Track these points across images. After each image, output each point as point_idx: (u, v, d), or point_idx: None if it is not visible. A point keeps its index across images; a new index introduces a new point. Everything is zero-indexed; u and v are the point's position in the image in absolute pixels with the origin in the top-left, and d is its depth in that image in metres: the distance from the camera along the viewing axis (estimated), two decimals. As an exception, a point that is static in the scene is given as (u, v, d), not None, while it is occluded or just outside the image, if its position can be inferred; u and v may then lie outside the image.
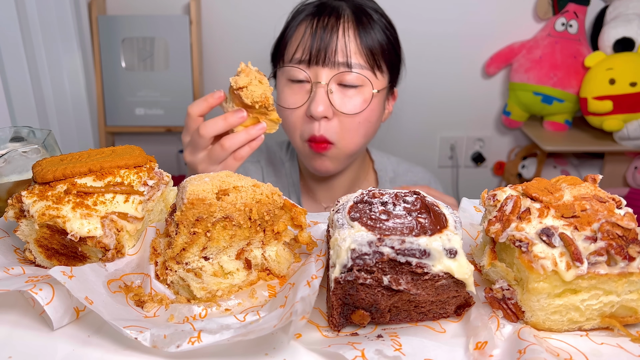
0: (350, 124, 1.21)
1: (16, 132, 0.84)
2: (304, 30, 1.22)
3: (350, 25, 1.20)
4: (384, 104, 1.30)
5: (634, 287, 0.59)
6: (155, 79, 2.15)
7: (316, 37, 1.20)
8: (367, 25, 1.22)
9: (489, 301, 0.63)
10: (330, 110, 1.19)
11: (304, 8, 1.28)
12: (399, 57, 1.32)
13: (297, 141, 1.28)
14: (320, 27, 1.20)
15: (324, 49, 1.19)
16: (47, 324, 0.59)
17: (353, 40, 1.20)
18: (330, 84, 1.19)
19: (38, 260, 0.69)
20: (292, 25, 1.27)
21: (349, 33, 1.20)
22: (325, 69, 1.19)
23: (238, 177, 0.66)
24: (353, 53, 1.19)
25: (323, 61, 1.19)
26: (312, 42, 1.20)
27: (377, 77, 1.23)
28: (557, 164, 2.43)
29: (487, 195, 0.68)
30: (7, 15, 1.55)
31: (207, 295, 0.65)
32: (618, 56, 2.02)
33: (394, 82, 1.33)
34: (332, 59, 1.18)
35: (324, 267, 0.64)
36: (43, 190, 0.66)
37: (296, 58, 1.22)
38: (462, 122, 2.39)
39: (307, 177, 1.45)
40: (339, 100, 1.20)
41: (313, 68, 1.20)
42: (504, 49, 2.22)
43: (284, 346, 0.57)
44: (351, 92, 1.21)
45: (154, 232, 0.71)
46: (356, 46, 1.20)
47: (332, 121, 1.21)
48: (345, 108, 1.20)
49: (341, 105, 1.20)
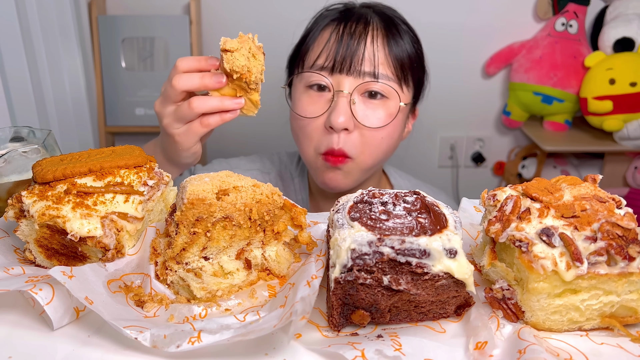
0: (372, 138, 1.13)
1: (16, 132, 0.84)
2: (328, 36, 1.15)
3: (379, 34, 1.14)
4: (405, 121, 1.23)
5: (634, 287, 0.59)
6: (155, 79, 2.15)
7: (342, 43, 1.12)
8: (396, 35, 1.15)
9: (489, 301, 0.63)
10: (352, 122, 1.11)
11: (327, 13, 1.21)
12: (425, 73, 1.26)
13: (310, 154, 1.19)
14: (347, 33, 1.13)
15: (349, 56, 1.11)
16: (47, 324, 0.59)
17: (382, 49, 1.13)
18: (353, 94, 1.11)
19: (38, 260, 0.69)
20: (314, 30, 1.19)
21: (378, 41, 1.13)
22: (350, 77, 1.11)
23: (238, 177, 0.66)
24: (381, 63, 1.12)
25: (348, 69, 1.11)
26: (338, 49, 1.12)
27: (404, 90, 1.16)
28: (557, 164, 2.43)
29: (487, 195, 0.68)
30: (7, 15, 1.56)
31: (207, 295, 0.65)
32: (618, 56, 2.02)
33: (416, 98, 1.25)
34: (358, 67, 1.11)
35: (324, 267, 0.64)
36: (43, 190, 0.66)
37: (318, 64, 1.14)
38: (462, 122, 2.39)
39: (316, 195, 1.37)
40: (362, 112, 1.12)
41: (336, 76, 1.13)
42: (504, 49, 2.22)
43: (284, 346, 0.57)
44: (376, 104, 1.13)
45: (154, 232, 0.71)
46: (384, 56, 1.13)
47: (353, 134, 1.13)
48: (368, 121, 1.12)
49: (364, 117, 1.12)
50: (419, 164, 2.43)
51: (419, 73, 1.22)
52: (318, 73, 1.14)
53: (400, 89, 1.15)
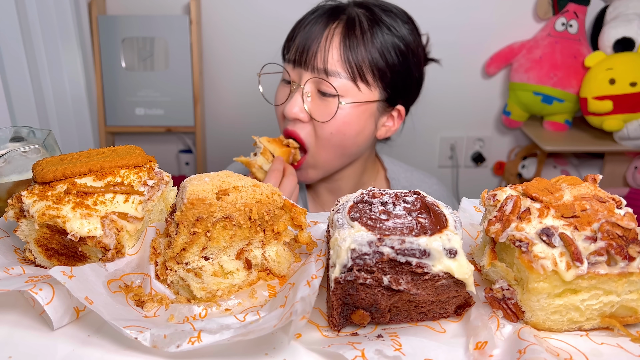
0: (322, 132, 1.19)
1: (16, 132, 0.84)
2: (299, 30, 1.22)
3: (338, 31, 1.16)
4: (373, 119, 1.24)
5: (634, 287, 0.59)
6: (155, 79, 2.15)
7: (303, 37, 1.19)
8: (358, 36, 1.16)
9: (489, 301, 0.63)
10: (305, 114, 1.19)
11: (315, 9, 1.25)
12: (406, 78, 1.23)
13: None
14: (310, 26, 1.19)
15: (306, 50, 1.17)
16: (47, 324, 0.59)
17: (337, 46, 1.15)
18: (307, 87, 1.18)
19: (38, 260, 0.69)
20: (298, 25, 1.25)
21: (334, 39, 1.16)
22: (307, 72, 1.18)
23: (238, 177, 0.66)
24: (334, 60, 1.15)
25: (304, 63, 1.18)
26: (299, 42, 1.19)
27: (361, 89, 1.18)
28: (557, 164, 2.43)
29: (487, 195, 0.68)
30: (7, 15, 1.56)
31: (207, 295, 0.65)
32: (618, 56, 2.02)
33: (395, 100, 1.25)
34: (312, 62, 1.16)
35: (324, 267, 0.64)
36: (43, 190, 0.66)
37: (288, 58, 1.23)
38: (462, 122, 2.39)
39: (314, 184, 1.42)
40: (315, 106, 1.19)
41: (297, 69, 1.20)
42: (504, 49, 2.22)
43: (284, 346, 0.57)
44: (326, 99, 1.17)
45: (154, 232, 0.71)
46: (338, 54, 1.15)
47: (307, 125, 1.21)
48: (317, 114, 1.18)
49: (314, 110, 1.19)
50: (419, 164, 2.43)
51: (393, 77, 1.20)
52: (285, 66, 1.23)
53: (356, 87, 1.17)
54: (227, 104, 2.33)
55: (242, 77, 2.26)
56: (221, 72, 2.28)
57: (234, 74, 2.28)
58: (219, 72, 2.28)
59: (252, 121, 2.31)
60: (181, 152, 2.42)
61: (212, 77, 2.28)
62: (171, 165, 2.46)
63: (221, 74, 2.28)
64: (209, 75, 2.28)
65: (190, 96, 2.17)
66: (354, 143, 1.24)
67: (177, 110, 2.19)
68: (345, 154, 1.25)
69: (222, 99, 2.33)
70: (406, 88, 1.25)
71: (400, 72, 1.21)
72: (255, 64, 2.33)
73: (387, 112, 1.27)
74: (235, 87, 2.29)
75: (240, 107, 2.33)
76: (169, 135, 2.38)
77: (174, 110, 2.19)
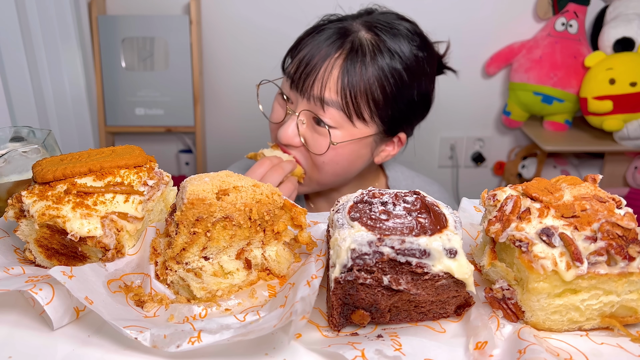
0: (316, 160, 1.16)
1: (16, 132, 0.84)
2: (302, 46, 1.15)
3: (338, 63, 1.09)
4: (369, 149, 1.19)
5: (634, 287, 0.59)
6: (155, 79, 2.15)
7: (304, 60, 1.12)
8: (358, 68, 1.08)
9: (489, 301, 0.63)
10: (298, 140, 1.15)
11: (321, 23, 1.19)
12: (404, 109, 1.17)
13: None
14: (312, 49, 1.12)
15: (305, 76, 1.11)
16: (47, 324, 0.59)
17: (335, 79, 1.09)
18: (301, 116, 1.14)
19: (38, 260, 0.69)
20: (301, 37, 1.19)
21: (334, 71, 1.09)
22: (303, 99, 1.13)
23: (238, 177, 0.66)
24: (332, 92, 1.09)
25: (301, 89, 1.12)
26: (299, 64, 1.13)
27: (356, 124, 1.12)
28: (557, 164, 2.43)
29: (487, 195, 0.68)
30: (7, 15, 1.56)
31: (207, 295, 0.65)
32: (618, 56, 2.02)
33: (394, 130, 1.20)
34: (309, 91, 1.11)
35: (324, 267, 0.64)
36: (43, 190, 0.66)
37: (288, 72, 1.17)
38: (462, 122, 2.39)
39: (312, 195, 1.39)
40: (309, 133, 1.15)
41: (294, 92, 1.15)
42: (504, 49, 2.22)
43: (284, 346, 0.57)
44: (322, 131, 1.12)
45: (154, 232, 0.71)
46: (336, 87, 1.09)
47: (302, 149, 1.17)
48: (310, 144, 1.15)
49: (308, 139, 1.15)
50: (419, 164, 2.44)
51: (390, 109, 1.14)
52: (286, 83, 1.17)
53: (350, 122, 1.11)
54: (227, 104, 2.34)
55: (242, 77, 2.27)
56: (221, 72, 2.28)
57: (234, 74, 2.28)
58: (219, 72, 2.28)
59: (252, 121, 2.31)
60: (181, 152, 2.42)
61: (212, 77, 2.28)
62: (171, 165, 2.46)
63: (221, 74, 2.28)
64: (209, 76, 2.28)
65: (190, 96, 2.17)
66: (348, 170, 1.21)
67: (177, 110, 2.19)
68: (340, 175, 1.22)
69: (222, 99, 2.33)
70: (407, 117, 1.20)
71: (400, 101, 1.14)
72: (255, 64, 2.33)
73: (386, 141, 1.23)
74: (235, 87, 2.29)
75: (240, 107, 2.33)
76: (169, 135, 2.38)
77: (174, 110, 2.19)
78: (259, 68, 2.21)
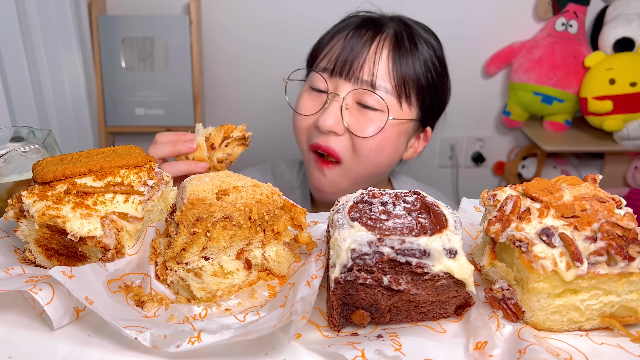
0: (360, 146, 1.13)
1: (16, 132, 0.84)
2: (338, 39, 1.16)
3: (387, 44, 1.12)
4: (406, 139, 1.21)
5: (634, 287, 0.59)
6: (155, 79, 2.15)
7: (346, 47, 1.12)
8: (406, 51, 1.13)
9: (489, 301, 0.63)
10: (341, 126, 1.12)
11: (352, 19, 1.21)
12: (440, 99, 1.22)
13: (304, 148, 1.22)
14: (354, 38, 1.13)
15: (350, 61, 1.11)
16: (47, 324, 0.59)
17: (385, 61, 1.11)
18: (347, 99, 1.12)
19: (38, 260, 0.69)
20: (330, 32, 1.20)
21: (383, 52, 1.11)
22: (348, 83, 1.12)
23: (238, 177, 0.66)
24: (381, 75, 1.11)
25: (347, 74, 1.11)
26: (340, 52, 1.13)
27: (403, 107, 1.14)
28: (557, 164, 2.43)
29: (487, 195, 0.68)
30: (7, 15, 1.56)
31: (207, 295, 0.65)
32: (618, 56, 2.02)
33: (426, 121, 1.23)
34: (357, 74, 1.11)
35: (324, 267, 0.64)
36: (43, 190, 0.66)
37: (321, 66, 1.16)
38: (462, 122, 2.39)
39: (320, 207, 1.36)
40: (354, 119, 1.13)
41: (335, 79, 1.14)
42: (504, 49, 2.22)
43: (284, 346, 0.57)
44: (369, 113, 1.12)
45: (154, 232, 0.71)
46: (387, 68, 1.11)
47: (342, 137, 1.14)
48: (357, 129, 1.12)
49: (353, 124, 1.12)
50: (419, 164, 2.43)
51: (429, 97, 1.18)
52: (319, 74, 1.15)
53: (399, 104, 1.13)
54: (227, 103, 2.34)
55: (242, 77, 2.27)
56: (221, 72, 2.28)
57: (234, 74, 2.28)
58: (219, 72, 2.28)
59: (252, 121, 2.31)
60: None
61: (212, 77, 2.28)
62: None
63: (221, 74, 2.28)
64: (209, 76, 2.28)
65: (190, 96, 2.17)
66: (388, 161, 1.20)
67: (177, 110, 2.19)
68: (377, 171, 1.21)
69: (222, 99, 2.33)
70: (438, 108, 1.23)
71: (437, 91, 1.19)
72: (255, 63, 2.33)
73: (417, 133, 1.24)
74: (236, 87, 2.29)
75: (240, 107, 2.33)
76: (169, 135, 2.38)
77: (174, 110, 2.19)
78: (259, 68, 2.21)
